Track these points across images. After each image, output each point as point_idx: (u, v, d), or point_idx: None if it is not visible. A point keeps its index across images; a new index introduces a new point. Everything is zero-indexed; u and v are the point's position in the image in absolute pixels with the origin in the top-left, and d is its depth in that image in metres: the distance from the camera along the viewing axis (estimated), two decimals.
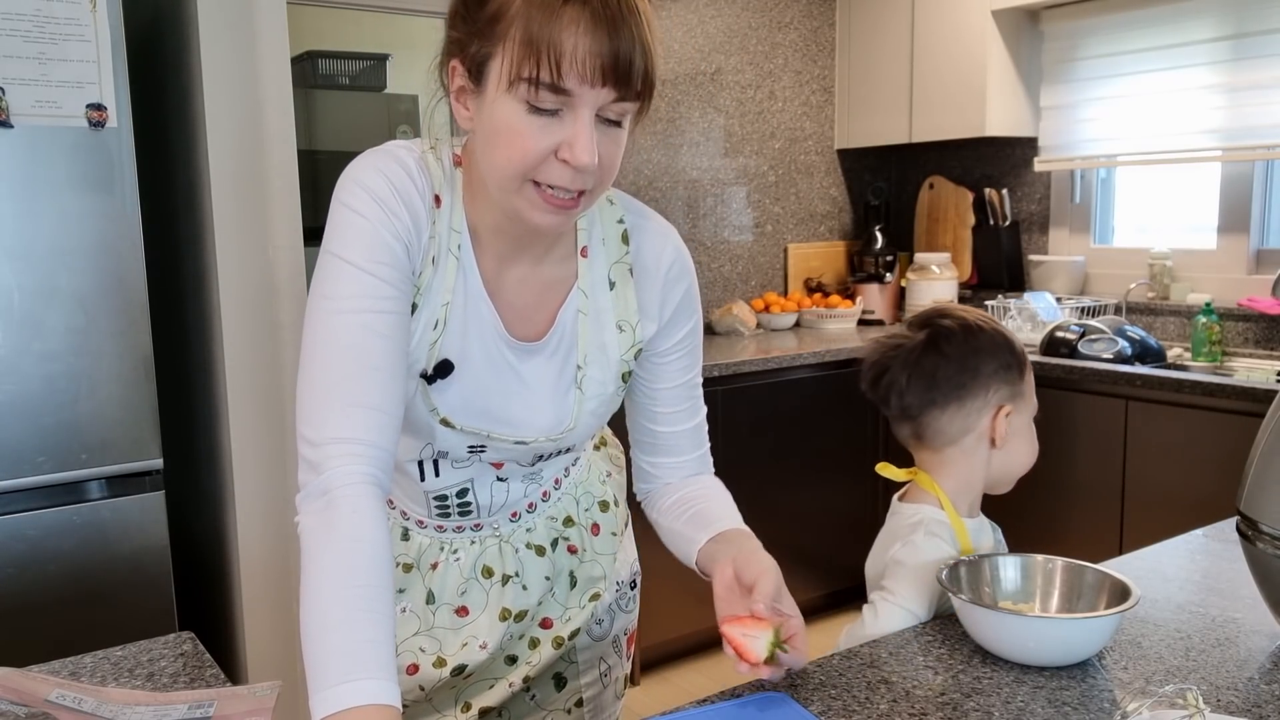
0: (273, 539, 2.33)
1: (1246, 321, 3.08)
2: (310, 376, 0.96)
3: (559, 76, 0.88)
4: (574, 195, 0.95)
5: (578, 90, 0.89)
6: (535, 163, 0.93)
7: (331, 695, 0.80)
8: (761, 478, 3.16)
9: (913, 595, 1.20)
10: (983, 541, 1.29)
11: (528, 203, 0.96)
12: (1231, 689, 1.00)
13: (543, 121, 0.91)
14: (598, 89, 0.90)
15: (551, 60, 0.88)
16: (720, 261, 3.78)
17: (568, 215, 0.97)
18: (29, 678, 1.02)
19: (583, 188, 0.95)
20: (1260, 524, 1.06)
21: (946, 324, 1.27)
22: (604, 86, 0.90)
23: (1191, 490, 2.59)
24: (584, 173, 0.93)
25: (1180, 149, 3.17)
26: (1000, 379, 1.25)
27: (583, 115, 0.91)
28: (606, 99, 0.91)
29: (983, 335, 1.26)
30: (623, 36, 0.89)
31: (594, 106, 0.91)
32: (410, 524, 1.20)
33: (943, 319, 1.28)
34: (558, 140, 0.92)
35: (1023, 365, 1.27)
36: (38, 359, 1.99)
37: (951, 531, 1.23)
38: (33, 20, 1.91)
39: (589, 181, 0.95)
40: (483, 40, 0.92)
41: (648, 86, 0.93)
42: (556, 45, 0.87)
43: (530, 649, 1.23)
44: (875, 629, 1.20)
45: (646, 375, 1.17)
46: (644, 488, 1.25)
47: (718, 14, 3.67)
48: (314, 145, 2.54)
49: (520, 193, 0.95)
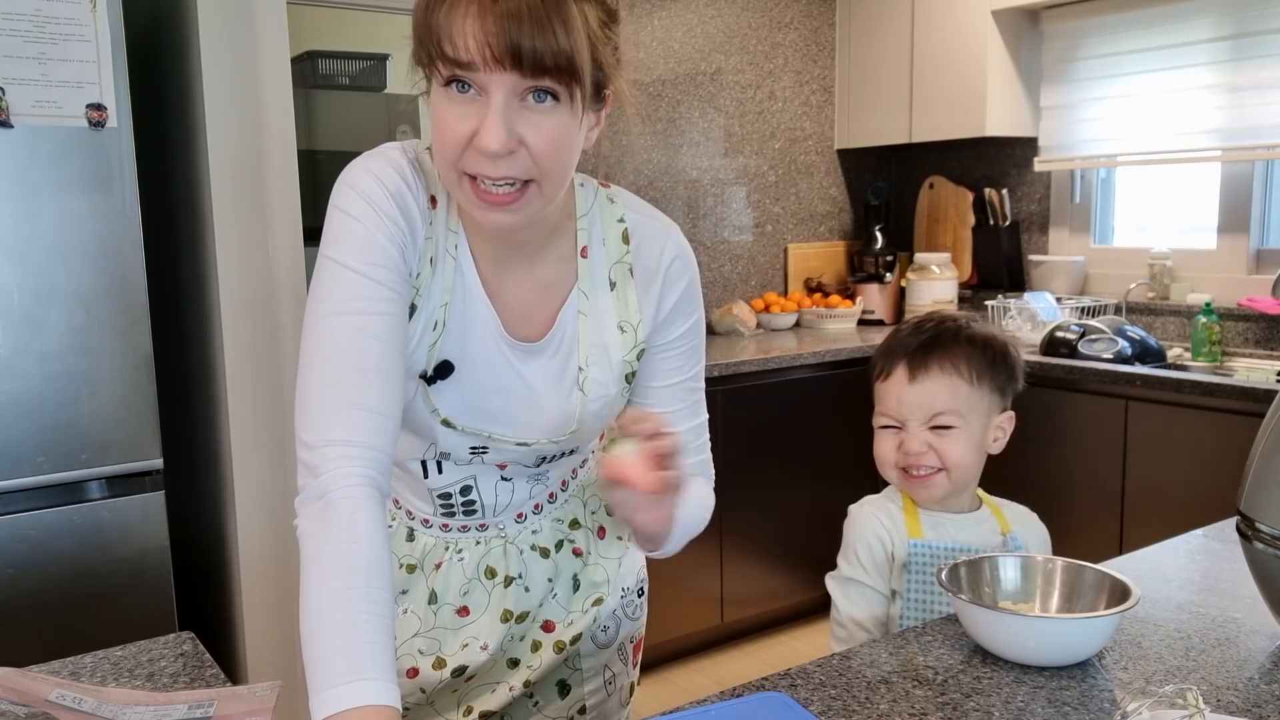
0: (273, 539, 2.33)
1: (1246, 321, 3.08)
2: (307, 380, 0.96)
3: (447, 53, 0.89)
4: (513, 189, 0.93)
5: (481, 71, 0.89)
6: (456, 150, 0.92)
7: (331, 696, 0.80)
8: (761, 478, 3.16)
9: (843, 558, 1.35)
10: (973, 533, 1.32)
11: (467, 199, 0.95)
12: (1231, 689, 1.00)
13: (462, 109, 0.91)
14: (500, 72, 0.89)
15: (443, 38, 0.89)
16: (720, 261, 3.78)
17: (511, 212, 0.95)
18: (29, 678, 1.02)
19: (508, 174, 0.92)
20: (1260, 524, 1.06)
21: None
22: (506, 69, 0.89)
23: (1191, 490, 2.59)
24: (495, 158, 0.91)
25: (1180, 149, 3.17)
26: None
27: (494, 98, 0.90)
28: (517, 82, 0.90)
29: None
30: (516, 15, 0.87)
31: (505, 89, 0.90)
32: (416, 524, 1.20)
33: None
34: (474, 127, 0.91)
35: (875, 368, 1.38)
36: (38, 359, 1.99)
37: (889, 511, 1.35)
38: (33, 20, 1.91)
39: (515, 169, 0.92)
40: (419, 39, 0.94)
41: (568, 68, 0.90)
42: (447, 25, 0.89)
43: (532, 652, 1.23)
44: (833, 589, 1.36)
45: (642, 371, 1.15)
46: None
47: (718, 14, 3.67)
48: (314, 145, 2.54)
49: (460, 187, 0.95)
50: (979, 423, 1.32)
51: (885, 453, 1.34)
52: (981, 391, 1.31)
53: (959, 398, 1.30)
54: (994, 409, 1.33)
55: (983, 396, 1.32)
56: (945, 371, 1.30)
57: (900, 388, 1.32)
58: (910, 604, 1.31)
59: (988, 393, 1.32)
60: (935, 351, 1.31)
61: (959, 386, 1.30)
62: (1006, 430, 1.35)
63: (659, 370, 1.15)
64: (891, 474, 1.35)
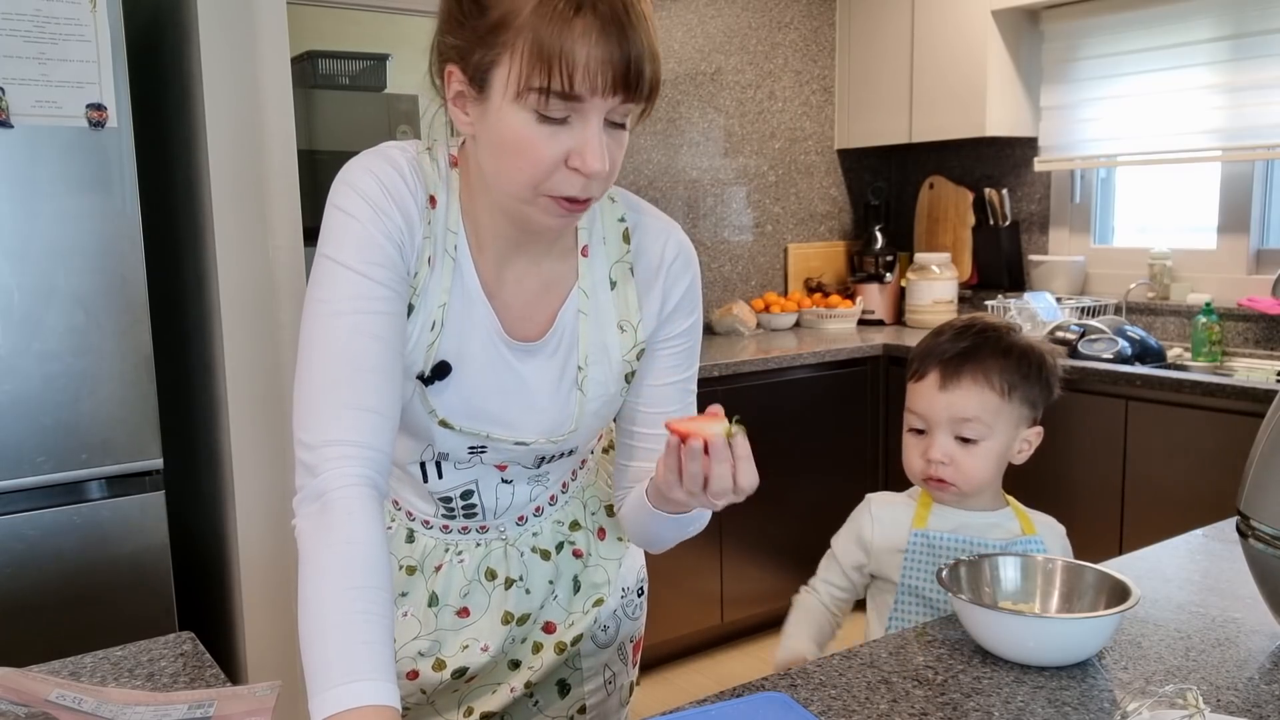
0: (273, 539, 2.33)
1: (1246, 321, 3.08)
2: (305, 380, 0.96)
3: (571, 86, 0.88)
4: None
5: (589, 98, 0.90)
6: (547, 172, 0.93)
7: (331, 697, 0.80)
8: (761, 478, 3.15)
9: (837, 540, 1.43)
10: (988, 534, 1.34)
11: (539, 210, 0.97)
12: (1231, 689, 1.00)
13: (552, 130, 0.91)
14: (608, 97, 0.90)
15: (564, 71, 0.88)
16: (720, 261, 3.78)
17: (575, 218, 0.99)
18: (29, 678, 1.02)
19: (594, 194, 0.96)
20: (1259, 524, 1.06)
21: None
22: (615, 95, 0.90)
23: (1191, 490, 2.59)
24: (595, 179, 0.94)
25: (1180, 149, 3.17)
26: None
27: (592, 122, 0.91)
28: (614, 104, 0.91)
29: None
30: (632, 43, 0.89)
31: (603, 112, 0.91)
32: (416, 525, 1.20)
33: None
34: (567, 148, 0.92)
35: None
36: (37, 359, 1.99)
37: (894, 507, 1.39)
38: (33, 20, 1.91)
39: (597, 188, 0.96)
40: (486, 48, 0.91)
41: (654, 89, 0.93)
42: (569, 56, 0.87)
43: (533, 653, 1.23)
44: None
45: (639, 370, 1.14)
46: (619, 493, 1.21)
47: (718, 14, 3.67)
48: (314, 145, 2.54)
49: (534, 204, 0.96)
50: (1006, 435, 1.32)
51: (912, 459, 1.35)
52: (1012, 404, 1.31)
53: (988, 409, 1.30)
54: (1023, 422, 1.34)
55: (1013, 409, 1.32)
56: (977, 382, 1.30)
57: (931, 392, 1.32)
58: (905, 590, 1.33)
59: (1018, 405, 1.32)
60: (970, 361, 1.31)
61: (989, 398, 1.30)
62: (1033, 444, 1.36)
63: (656, 369, 1.15)
64: (917, 480, 1.37)
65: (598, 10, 0.88)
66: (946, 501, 1.36)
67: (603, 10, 0.88)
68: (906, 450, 1.36)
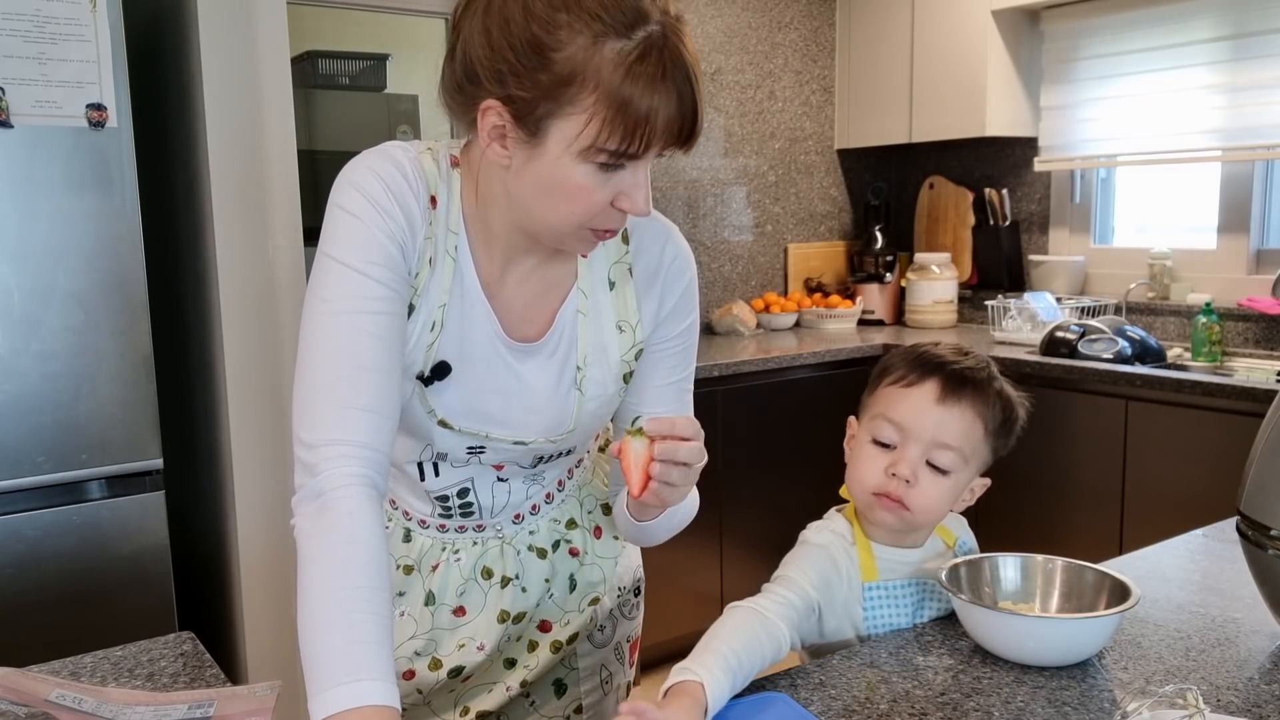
0: (273, 539, 2.33)
1: (1246, 321, 3.08)
2: (305, 379, 0.96)
3: (646, 149, 0.90)
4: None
5: (653, 151, 0.92)
6: (596, 214, 0.95)
7: (331, 697, 0.80)
8: (761, 477, 3.16)
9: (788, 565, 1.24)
10: (927, 564, 1.22)
11: (575, 239, 0.99)
12: (1231, 689, 1.00)
13: (607, 176, 0.93)
14: (668, 149, 0.93)
15: (645, 136, 0.89)
16: (720, 261, 3.78)
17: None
18: (29, 678, 1.02)
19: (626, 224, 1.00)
20: (1260, 524, 1.06)
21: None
22: (673, 147, 0.93)
23: (1191, 490, 2.59)
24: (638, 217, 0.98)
25: (1180, 149, 3.17)
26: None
27: (644, 169, 0.94)
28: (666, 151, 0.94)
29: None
30: (698, 102, 0.91)
31: (653, 157, 0.94)
32: (413, 524, 1.20)
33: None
34: (616, 190, 0.94)
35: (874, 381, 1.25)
36: (37, 359, 1.99)
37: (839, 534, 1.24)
38: (33, 20, 1.91)
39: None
40: (550, 101, 0.88)
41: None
42: (653, 122, 0.89)
43: (529, 652, 1.23)
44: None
45: (636, 370, 1.14)
46: (614, 491, 1.20)
47: (718, 14, 3.67)
48: (314, 145, 2.54)
49: (574, 233, 0.98)
50: (967, 477, 1.20)
51: (868, 472, 1.19)
52: (987, 446, 1.20)
53: (970, 441, 1.17)
54: (982, 468, 1.22)
55: (985, 452, 1.20)
56: (975, 407, 1.17)
57: (924, 402, 1.17)
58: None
59: (989, 450, 1.21)
60: (971, 384, 1.18)
61: (976, 431, 1.17)
62: (976, 494, 1.23)
63: (653, 369, 1.15)
64: (864, 497, 1.20)
65: (677, 73, 0.89)
66: (889, 527, 1.20)
67: (679, 74, 0.89)
68: (863, 461, 1.19)
